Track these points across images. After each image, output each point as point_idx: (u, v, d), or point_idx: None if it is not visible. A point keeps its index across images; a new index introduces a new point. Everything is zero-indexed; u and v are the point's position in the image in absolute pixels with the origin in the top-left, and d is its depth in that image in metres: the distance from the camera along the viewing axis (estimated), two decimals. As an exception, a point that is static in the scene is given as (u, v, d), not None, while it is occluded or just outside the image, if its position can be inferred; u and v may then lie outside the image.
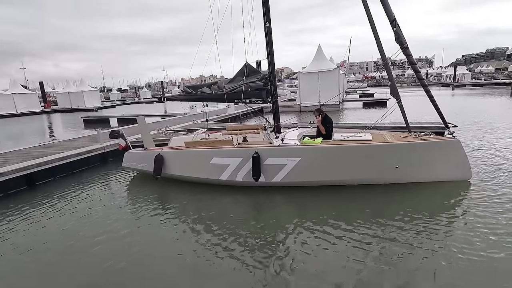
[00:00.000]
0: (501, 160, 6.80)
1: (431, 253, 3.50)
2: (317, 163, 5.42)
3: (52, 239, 4.39)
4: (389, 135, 5.99)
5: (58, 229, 4.73)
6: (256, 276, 3.29)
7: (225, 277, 3.31)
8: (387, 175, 5.46)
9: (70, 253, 3.99)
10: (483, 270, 3.17)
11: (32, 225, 4.90)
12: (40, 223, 4.96)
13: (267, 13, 6.20)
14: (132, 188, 6.57)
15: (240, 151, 5.65)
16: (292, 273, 3.29)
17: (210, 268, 3.48)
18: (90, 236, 4.38)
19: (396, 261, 3.38)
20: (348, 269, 3.31)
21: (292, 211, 4.99)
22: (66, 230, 4.65)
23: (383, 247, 3.66)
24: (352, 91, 39.97)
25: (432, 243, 3.70)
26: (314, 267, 3.37)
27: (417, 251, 3.54)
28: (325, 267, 3.35)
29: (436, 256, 3.43)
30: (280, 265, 3.45)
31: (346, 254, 3.57)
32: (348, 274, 3.23)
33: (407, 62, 5.61)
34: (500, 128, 10.81)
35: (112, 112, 32.25)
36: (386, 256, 3.48)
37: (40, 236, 4.53)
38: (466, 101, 24.16)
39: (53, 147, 9.02)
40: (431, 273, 3.16)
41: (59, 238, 4.42)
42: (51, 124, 24.43)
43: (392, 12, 5.31)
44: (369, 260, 3.42)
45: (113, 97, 66.60)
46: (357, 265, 3.35)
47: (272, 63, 6.44)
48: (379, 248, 3.66)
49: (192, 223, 4.66)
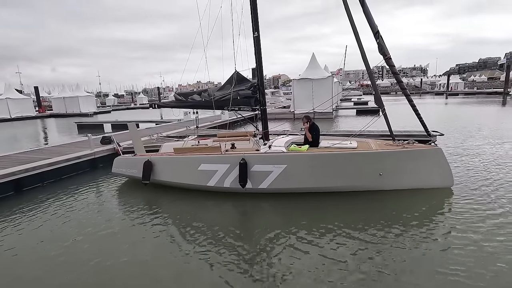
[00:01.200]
0: (485, 168, 6.94)
1: (410, 259, 3.57)
2: (303, 170, 5.50)
3: (38, 246, 4.38)
4: (374, 143, 6.11)
5: (44, 235, 4.72)
6: (242, 282, 3.32)
7: (211, 283, 3.34)
8: (371, 182, 5.55)
9: (56, 260, 3.97)
10: (461, 276, 3.24)
11: (17, 231, 4.89)
12: (26, 230, 4.95)
13: (255, 24, 6.35)
14: (121, 194, 6.58)
15: (227, 157, 5.72)
16: (278, 279, 3.33)
17: (196, 274, 3.51)
18: (76, 243, 4.38)
19: (380, 266, 3.44)
20: (334, 275, 3.35)
21: (278, 217, 5.05)
22: (52, 237, 4.63)
23: (367, 253, 3.72)
24: (347, 99, 40.44)
25: (409, 251, 3.77)
26: (299, 273, 3.41)
27: (396, 257, 3.61)
28: (311, 273, 3.40)
29: (415, 262, 3.50)
30: (266, 271, 3.49)
31: (331, 260, 3.62)
32: (334, 279, 3.27)
33: (391, 72, 5.76)
34: (488, 136, 11.02)
35: (107, 117, 32.22)
36: (370, 262, 3.53)
37: (26, 242, 4.52)
38: (458, 110, 24.57)
39: (42, 152, 9.00)
40: (412, 279, 3.23)
41: (45, 245, 4.40)
42: (44, 129, 24.33)
43: (376, 24, 5.49)
44: (354, 265, 3.48)
45: (109, 103, 66.47)
46: (343, 272, 3.39)
47: (261, 71, 6.57)
48: (363, 253, 3.72)
49: (179, 229, 4.68)
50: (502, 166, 7.09)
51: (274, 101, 36.87)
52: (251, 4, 6.31)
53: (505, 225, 4.25)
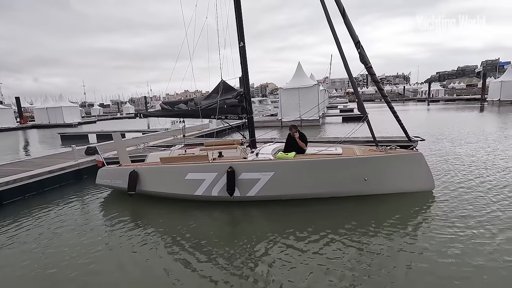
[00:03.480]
0: (465, 172, 7.21)
1: (396, 261, 3.65)
2: (290, 177, 5.56)
3: (18, 262, 4.22)
4: (358, 149, 6.26)
5: (25, 251, 4.54)
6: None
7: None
8: (357, 187, 5.67)
9: (36, 276, 3.84)
10: (440, 279, 3.34)
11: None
12: (5, 245, 4.76)
13: (241, 34, 6.48)
14: (105, 205, 6.44)
15: (214, 166, 5.72)
16: (269, 286, 3.33)
17: (187, 284, 3.46)
18: (58, 259, 4.24)
19: (368, 269, 3.51)
20: (323, 280, 3.38)
21: (266, 225, 5.06)
22: (33, 253, 4.46)
23: (355, 257, 3.79)
24: (333, 106, 41.21)
25: (392, 251, 3.87)
26: (289, 280, 3.42)
27: (380, 258, 3.69)
28: (300, 280, 3.42)
29: (401, 264, 3.59)
30: (255, 280, 3.48)
31: (320, 266, 3.65)
32: (323, 285, 3.30)
33: (372, 80, 5.97)
34: (468, 141, 11.47)
35: (92, 127, 31.55)
36: (360, 265, 3.59)
37: (4, 259, 4.34)
38: (439, 115, 25.45)
39: (23, 164, 8.73)
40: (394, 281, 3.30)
41: (25, 262, 4.23)
42: (26, 140, 23.56)
43: (356, 35, 5.70)
44: (344, 270, 3.53)
45: (94, 112, 65.24)
46: (332, 276, 3.43)
47: (247, 80, 6.67)
48: (351, 257, 3.78)
49: (167, 240, 4.61)
50: (481, 169, 7.39)
51: (262, 109, 37.20)
52: (236, 15, 6.45)
53: (484, 225, 4.43)
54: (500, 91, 36.38)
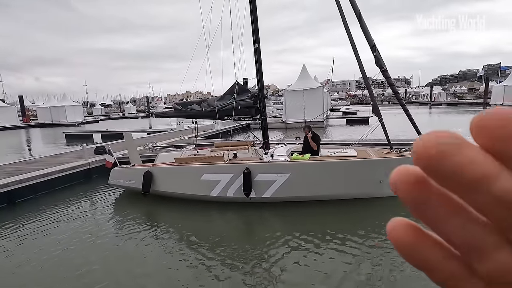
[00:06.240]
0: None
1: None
2: (306, 179, 5.57)
3: (32, 260, 4.22)
4: (372, 151, 6.27)
5: (38, 249, 4.55)
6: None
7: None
8: (372, 189, 5.67)
9: (50, 275, 3.84)
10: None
11: (10, 244, 4.70)
12: (20, 242, 4.77)
13: (256, 36, 6.51)
14: (119, 205, 6.45)
15: (231, 167, 5.74)
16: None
17: (203, 284, 3.47)
18: (72, 257, 4.25)
19: (387, 270, 3.51)
20: (338, 281, 3.39)
21: (281, 226, 5.08)
22: (47, 251, 4.47)
23: (371, 259, 3.79)
24: (335, 109, 41.25)
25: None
26: (303, 281, 3.43)
27: (401, 262, 3.69)
28: (315, 281, 3.42)
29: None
30: (269, 281, 3.49)
31: (335, 267, 3.66)
32: (338, 286, 3.31)
33: (388, 84, 5.99)
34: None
35: (96, 127, 31.56)
36: (376, 266, 3.60)
37: (19, 256, 4.35)
38: (443, 118, 25.49)
39: (35, 163, 8.74)
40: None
41: (39, 259, 4.24)
42: (29, 139, 23.59)
43: (372, 38, 5.73)
44: (361, 270, 3.53)
45: (96, 112, 65.23)
46: (349, 276, 3.44)
47: (261, 82, 6.69)
48: (366, 258, 3.79)
49: (182, 241, 4.63)
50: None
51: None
52: (251, 16, 6.48)
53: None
54: (503, 95, 36.44)
